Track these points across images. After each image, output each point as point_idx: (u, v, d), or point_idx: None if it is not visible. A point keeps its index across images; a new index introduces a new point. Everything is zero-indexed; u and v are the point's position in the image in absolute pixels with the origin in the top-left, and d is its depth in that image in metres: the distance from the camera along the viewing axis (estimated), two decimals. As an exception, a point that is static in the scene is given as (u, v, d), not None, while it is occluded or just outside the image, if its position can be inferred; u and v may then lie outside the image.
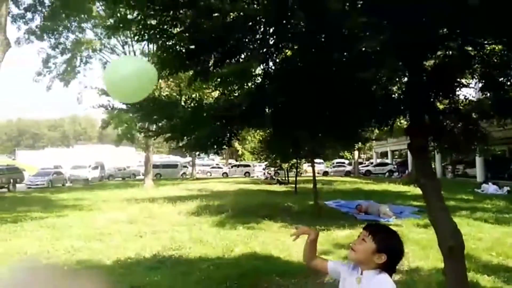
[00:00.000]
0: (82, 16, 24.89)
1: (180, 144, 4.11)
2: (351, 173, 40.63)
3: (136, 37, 2.72)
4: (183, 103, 3.51)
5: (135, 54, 29.69)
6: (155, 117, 3.70)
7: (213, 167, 48.82)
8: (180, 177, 42.64)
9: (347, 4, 2.63)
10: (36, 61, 67.20)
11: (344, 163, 45.61)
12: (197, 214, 12.07)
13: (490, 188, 18.45)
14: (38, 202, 17.15)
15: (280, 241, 7.95)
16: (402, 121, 5.00)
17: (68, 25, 26.23)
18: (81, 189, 27.28)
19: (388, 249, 1.76)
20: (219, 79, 2.90)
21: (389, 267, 1.76)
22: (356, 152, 40.77)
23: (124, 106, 3.86)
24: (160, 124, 3.98)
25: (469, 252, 6.10)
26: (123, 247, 7.69)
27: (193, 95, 4.31)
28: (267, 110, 3.67)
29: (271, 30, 2.82)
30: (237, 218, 10.88)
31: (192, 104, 3.51)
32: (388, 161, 44.50)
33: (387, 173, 38.37)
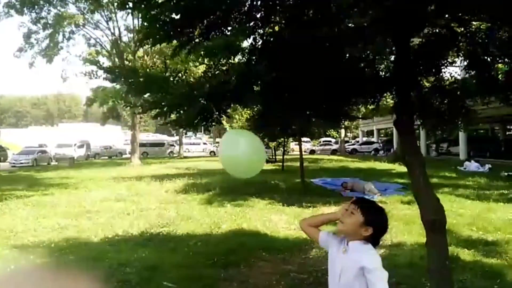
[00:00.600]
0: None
1: (168, 120, 4.07)
2: (338, 152, 41.00)
3: (119, 6, 2.64)
4: (171, 78, 3.45)
5: (119, 31, 28.97)
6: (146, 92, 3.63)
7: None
8: (167, 156, 42.48)
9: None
10: (17, 36, 65.10)
11: (330, 141, 45.93)
12: (185, 192, 12.09)
13: (472, 165, 18.84)
14: (23, 181, 16.93)
15: (267, 218, 8.05)
16: (388, 99, 5.03)
17: (49, -2, 25.36)
18: (67, 167, 26.97)
19: (375, 222, 1.86)
20: (204, 52, 2.85)
21: (373, 240, 1.86)
22: (343, 131, 41.04)
23: (110, 80, 3.79)
24: (146, 99, 3.91)
25: (451, 227, 6.27)
26: (110, 224, 7.69)
27: (181, 71, 4.23)
28: (255, 87, 3.64)
29: (259, 3, 2.77)
30: (224, 195, 10.94)
31: (177, 79, 3.45)
32: (374, 139, 45.06)
33: (372, 152, 38.89)
